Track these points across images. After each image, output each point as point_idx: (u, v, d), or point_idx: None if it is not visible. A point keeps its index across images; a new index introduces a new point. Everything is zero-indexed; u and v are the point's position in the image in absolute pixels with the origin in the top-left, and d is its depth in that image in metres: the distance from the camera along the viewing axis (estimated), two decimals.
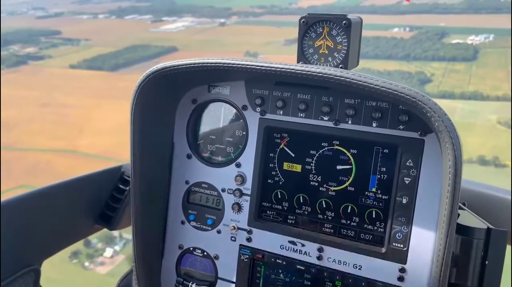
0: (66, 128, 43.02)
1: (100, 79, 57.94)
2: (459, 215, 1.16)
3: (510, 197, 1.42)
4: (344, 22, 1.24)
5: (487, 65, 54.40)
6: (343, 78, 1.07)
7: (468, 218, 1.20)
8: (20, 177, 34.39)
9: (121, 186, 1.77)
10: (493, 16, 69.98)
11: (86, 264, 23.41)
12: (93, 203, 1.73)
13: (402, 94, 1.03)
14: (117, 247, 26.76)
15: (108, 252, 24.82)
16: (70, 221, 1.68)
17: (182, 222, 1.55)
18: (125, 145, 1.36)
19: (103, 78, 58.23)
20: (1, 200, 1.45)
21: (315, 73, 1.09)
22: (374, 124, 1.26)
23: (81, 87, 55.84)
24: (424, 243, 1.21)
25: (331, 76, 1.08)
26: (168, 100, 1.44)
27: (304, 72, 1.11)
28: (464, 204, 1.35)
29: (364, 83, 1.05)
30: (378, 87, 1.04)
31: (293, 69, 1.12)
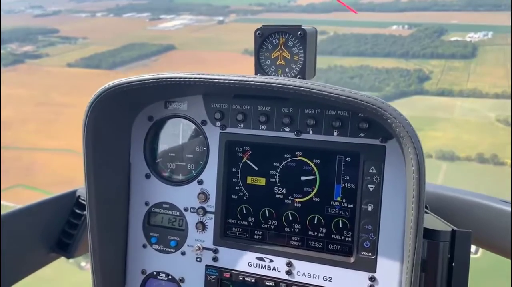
0: (63, 127, 42.84)
1: (97, 78, 57.72)
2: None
3: (471, 198, 1.43)
4: (299, 32, 1.24)
5: (486, 63, 54.24)
6: (302, 88, 1.07)
7: (432, 222, 1.20)
8: (17, 177, 34.23)
9: (77, 211, 1.71)
10: (492, 13, 69.77)
11: (83, 264, 23.22)
12: (48, 230, 1.68)
13: (362, 102, 1.03)
14: None
15: None
16: (24, 252, 1.62)
17: (144, 246, 1.49)
18: None
19: (100, 77, 57.99)
20: None
21: (274, 84, 1.09)
22: (335, 133, 1.27)
23: (78, 85, 55.65)
24: (392, 249, 1.21)
25: (291, 86, 1.08)
26: (122, 118, 1.40)
27: (264, 83, 1.11)
28: (427, 207, 1.35)
29: (324, 92, 1.06)
30: (337, 95, 1.05)
31: (252, 81, 1.12)
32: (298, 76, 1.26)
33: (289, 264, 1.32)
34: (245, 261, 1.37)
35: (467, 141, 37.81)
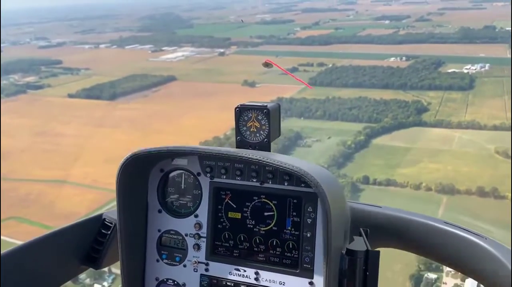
0: (60, 158, 42.70)
1: (96, 108, 58.11)
2: (353, 240, 1.70)
3: (416, 219, 1.78)
4: (264, 110, 1.82)
5: (484, 94, 54.49)
6: (255, 159, 1.68)
7: (358, 243, 1.69)
8: (11, 209, 33.84)
9: (103, 231, 2.11)
10: (488, 45, 70.74)
11: None
12: (80, 247, 2.09)
13: (293, 171, 1.59)
14: (105, 283, 25.91)
15: None
16: (60, 265, 2.03)
17: (157, 260, 2.05)
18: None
19: (100, 107, 58.40)
20: None
21: (239, 156, 1.72)
22: (285, 183, 1.83)
23: (78, 116, 55.94)
24: (321, 263, 1.76)
25: (249, 158, 1.69)
26: (142, 172, 1.98)
27: (231, 154, 1.74)
28: (367, 231, 1.77)
29: (269, 163, 1.65)
30: (276, 165, 1.64)
31: (226, 153, 1.74)
32: (265, 139, 1.84)
33: (256, 273, 1.89)
34: (227, 271, 1.92)
35: (467, 173, 37.45)
